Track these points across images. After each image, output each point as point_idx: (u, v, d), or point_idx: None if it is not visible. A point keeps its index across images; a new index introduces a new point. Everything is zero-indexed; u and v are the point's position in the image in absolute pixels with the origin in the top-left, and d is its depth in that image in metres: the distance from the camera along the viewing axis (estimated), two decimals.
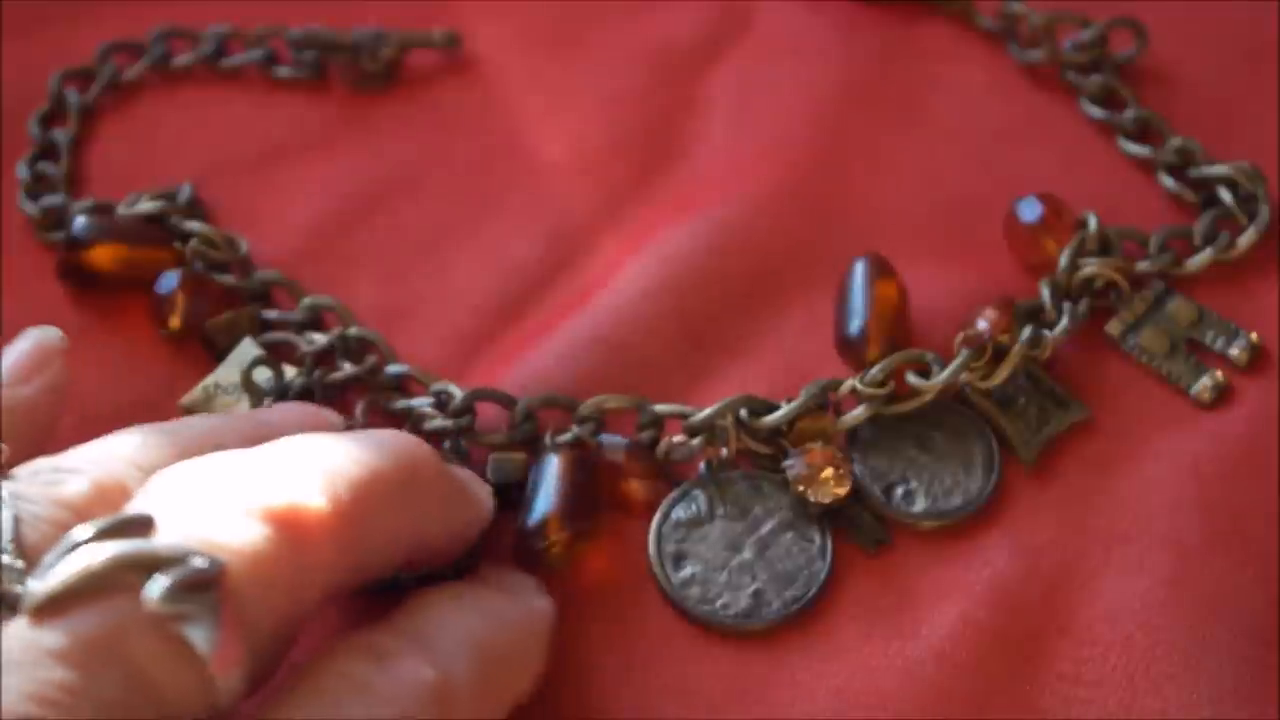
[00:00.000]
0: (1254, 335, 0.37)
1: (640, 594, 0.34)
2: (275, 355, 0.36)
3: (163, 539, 0.25)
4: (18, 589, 0.25)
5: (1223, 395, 0.36)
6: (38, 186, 0.40)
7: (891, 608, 0.33)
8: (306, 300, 0.37)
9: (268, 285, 0.38)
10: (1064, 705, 0.32)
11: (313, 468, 0.28)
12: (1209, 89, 0.42)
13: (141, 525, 0.25)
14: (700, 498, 0.35)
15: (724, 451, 0.35)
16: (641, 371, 0.37)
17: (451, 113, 0.42)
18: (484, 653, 0.28)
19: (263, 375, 0.35)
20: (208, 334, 0.37)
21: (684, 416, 0.35)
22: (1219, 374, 0.36)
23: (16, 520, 0.26)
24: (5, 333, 0.37)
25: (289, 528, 0.26)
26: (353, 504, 0.28)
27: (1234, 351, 0.36)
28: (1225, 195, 0.39)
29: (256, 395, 0.35)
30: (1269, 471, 0.35)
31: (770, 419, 0.35)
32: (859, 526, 0.34)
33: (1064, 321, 0.36)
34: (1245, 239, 0.38)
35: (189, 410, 0.36)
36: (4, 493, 0.27)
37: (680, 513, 0.34)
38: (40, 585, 0.24)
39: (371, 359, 0.36)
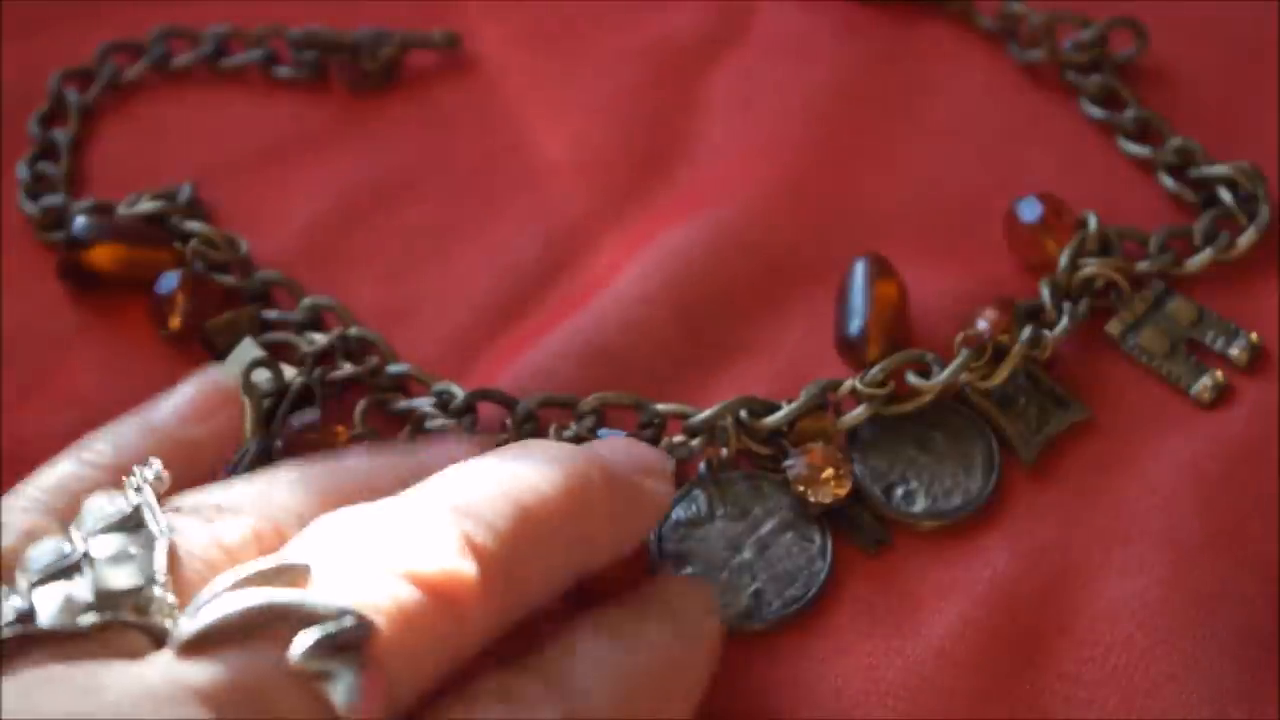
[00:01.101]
0: (1254, 335, 0.37)
1: None
2: (275, 355, 0.36)
3: (317, 592, 0.25)
4: (167, 623, 0.25)
5: (1223, 395, 0.36)
6: (38, 186, 0.40)
7: (891, 608, 0.33)
8: (306, 300, 0.37)
9: (268, 285, 0.38)
10: (1064, 705, 0.32)
11: (470, 520, 0.27)
12: (1209, 89, 0.42)
13: (297, 574, 0.25)
14: (700, 498, 0.35)
15: (724, 451, 0.35)
16: (641, 371, 0.37)
17: (451, 113, 0.42)
18: (627, 686, 0.28)
19: (262, 375, 0.35)
20: (208, 334, 0.37)
21: (684, 416, 0.35)
22: (1219, 374, 0.36)
23: (173, 555, 0.26)
24: (5, 333, 0.37)
25: (442, 596, 0.26)
26: (510, 554, 0.27)
27: (1234, 351, 0.36)
28: (1225, 195, 0.39)
29: (256, 395, 0.35)
30: (1269, 471, 0.35)
31: (770, 419, 0.35)
32: (859, 526, 0.34)
33: (1064, 321, 0.36)
34: (1245, 239, 0.38)
35: None
36: (163, 524, 0.26)
37: (680, 513, 0.34)
38: (190, 623, 0.24)
39: (372, 359, 0.36)
